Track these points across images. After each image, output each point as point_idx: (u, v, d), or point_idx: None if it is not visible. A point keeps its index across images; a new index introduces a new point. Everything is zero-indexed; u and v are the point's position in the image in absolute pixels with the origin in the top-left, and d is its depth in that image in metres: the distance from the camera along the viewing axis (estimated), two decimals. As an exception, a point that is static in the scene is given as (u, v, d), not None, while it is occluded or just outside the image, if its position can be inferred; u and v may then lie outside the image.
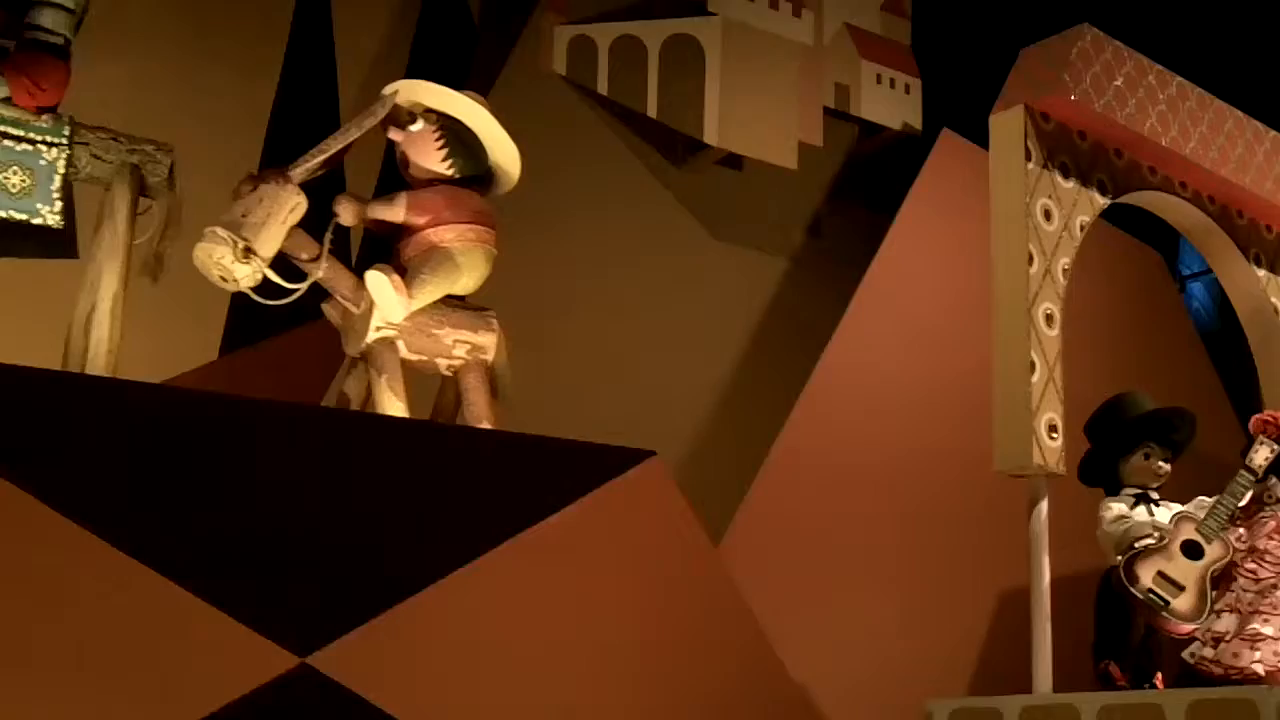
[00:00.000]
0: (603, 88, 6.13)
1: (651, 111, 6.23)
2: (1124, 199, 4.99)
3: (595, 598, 3.55)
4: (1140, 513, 4.37)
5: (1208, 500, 4.39)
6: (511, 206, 5.73)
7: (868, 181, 6.83)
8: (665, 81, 6.25)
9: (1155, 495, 4.44)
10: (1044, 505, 4.36)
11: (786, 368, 6.06)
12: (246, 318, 4.77)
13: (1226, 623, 4.42)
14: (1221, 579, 4.34)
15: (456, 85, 4.29)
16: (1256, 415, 4.73)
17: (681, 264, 6.27)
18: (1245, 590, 4.48)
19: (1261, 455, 4.45)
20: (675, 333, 6.12)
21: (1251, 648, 4.35)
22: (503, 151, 4.31)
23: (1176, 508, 4.39)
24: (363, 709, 3.05)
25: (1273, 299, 5.34)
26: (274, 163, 4.40)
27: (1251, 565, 4.52)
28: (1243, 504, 4.41)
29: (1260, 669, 4.30)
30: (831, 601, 5.40)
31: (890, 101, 6.86)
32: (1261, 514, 4.60)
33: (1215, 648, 4.41)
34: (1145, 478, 4.44)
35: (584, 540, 3.55)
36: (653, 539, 3.74)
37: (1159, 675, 4.29)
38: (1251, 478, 4.40)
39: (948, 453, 5.43)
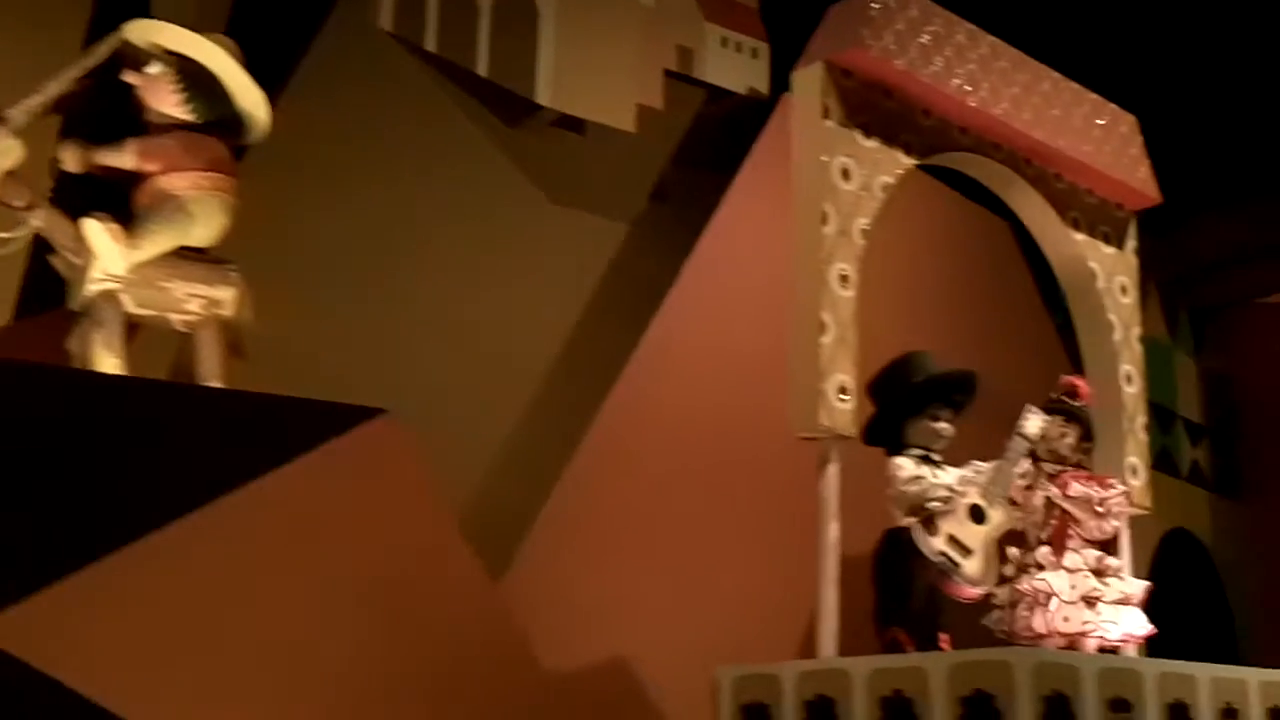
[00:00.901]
0: (431, 45, 5.97)
1: (482, 70, 6.07)
2: (934, 160, 4.93)
3: (313, 558, 3.44)
4: (928, 473, 4.30)
5: (985, 465, 4.34)
6: (336, 167, 5.63)
7: (714, 146, 6.71)
8: (497, 39, 6.09)
9: (937, 457, 4.37)
10: (833, 468, 4.28)
11: (626, 335, 5.94)
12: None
13: (1025, 583, 4.38)
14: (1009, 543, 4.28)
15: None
16: (1066, 377, 4.70)
17: (517, 229, 6.12)
18: (1027, 554, 4.45)
19: (1033, 424, 4.41)
20: (509, 298, 5.98)
21: (1032, 611, 4.32)
22: (246, 96, 4.16)
23: (955, 470, 4.32)
24: (35, 679, 2.90)
25: (1091, 264, 5.29)
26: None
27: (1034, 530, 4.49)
28: (1019, 470, 4.35)
29: (1041, 629, 4.28)
30: (646, 568, 5.31)
31: (736, 65, 6.75)
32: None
33: (1005, 612, 4.39)
34: (929, 439, 4.38)
35: (303, 499, 3.43)
36: (379, 499, 3.62)
37: (945, 638, 4.23)
38: (1026, 444, 4.36)
39: (775, 421, 5.32)
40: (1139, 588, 4.48)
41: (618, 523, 5.38)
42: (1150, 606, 7.14)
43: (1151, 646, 7.03)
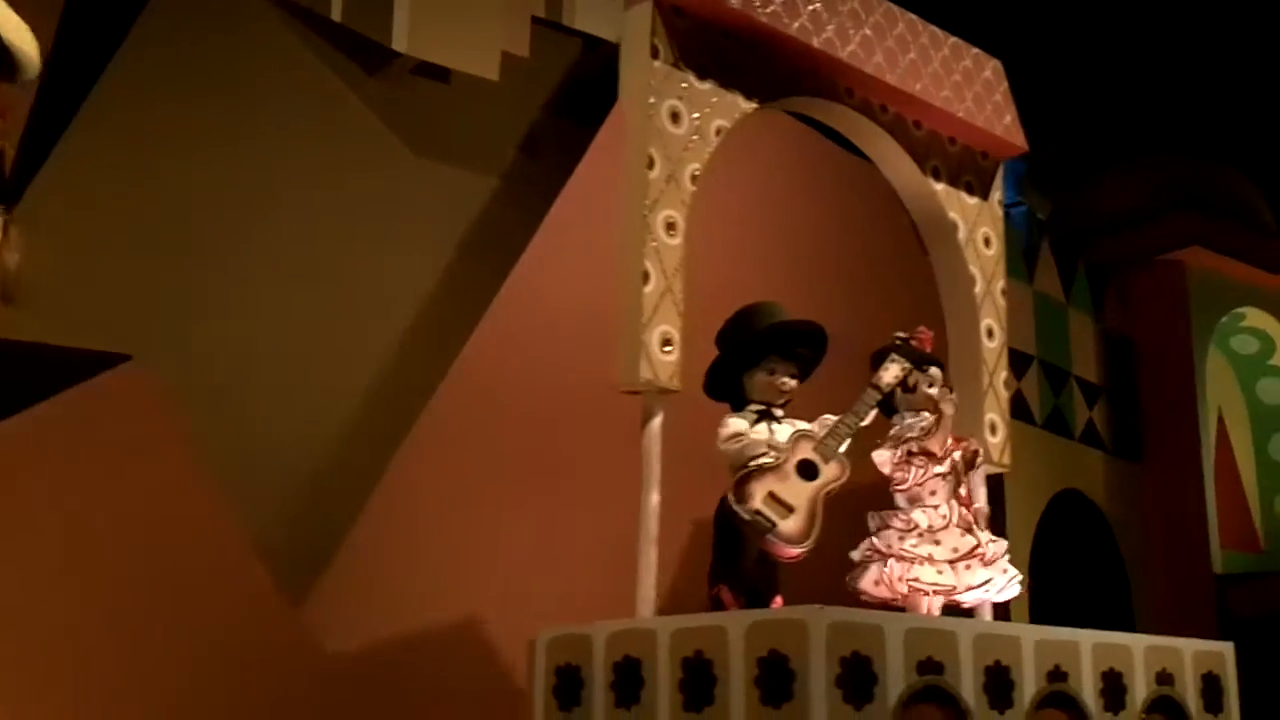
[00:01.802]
0: (281, -13, 5.74)
1: (336, 15, 5.84)
2: (780, 105, 4.77)
3: (50, 504, 3.24)
4: (760, 430, 4.13)
5: (832, 419, 4.18)
6: (178, 118, 5.40)
7: (588, 98, 6.51)
8: (353, -18, 5.87)
9: (779, 412, 4.20)
10: (656, 423, 4.13)
11: (490, 294, 5.76)
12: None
13: (884, 541, 4.25)
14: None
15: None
16: (922, 328, 4.54)
17: (377, 181, 5.91)
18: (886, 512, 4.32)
19: (890, 373, 4.27)
20: (369, 253, 5.78)
21: (876, 570, 4.19)
22: (12, 31, 3.91)
23: (798, 425, 4.16)
24: None
25: (952, 214, 5.13)
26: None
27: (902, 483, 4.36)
28: (866, 421, 4.19)
29: (881, 588, 4.15)
30: (496, 529, 5.16)
31: (609, 13, 6.52)
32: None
33: (856, 570, 4.26)
34: (768, 394, 4.20)
35: (36, 447, 3.24)
36: (120, 447, 3.43)
37: (778, 599, 4.07)
38: (878, 395, 4.21)
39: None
40: (998, 548, 4.32)
41: (464, 485, 5.23)
42: (1039, 566, 7.09)
43: (1042, 607, 6.96)
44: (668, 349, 4.11)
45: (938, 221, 5.15)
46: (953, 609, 4.32)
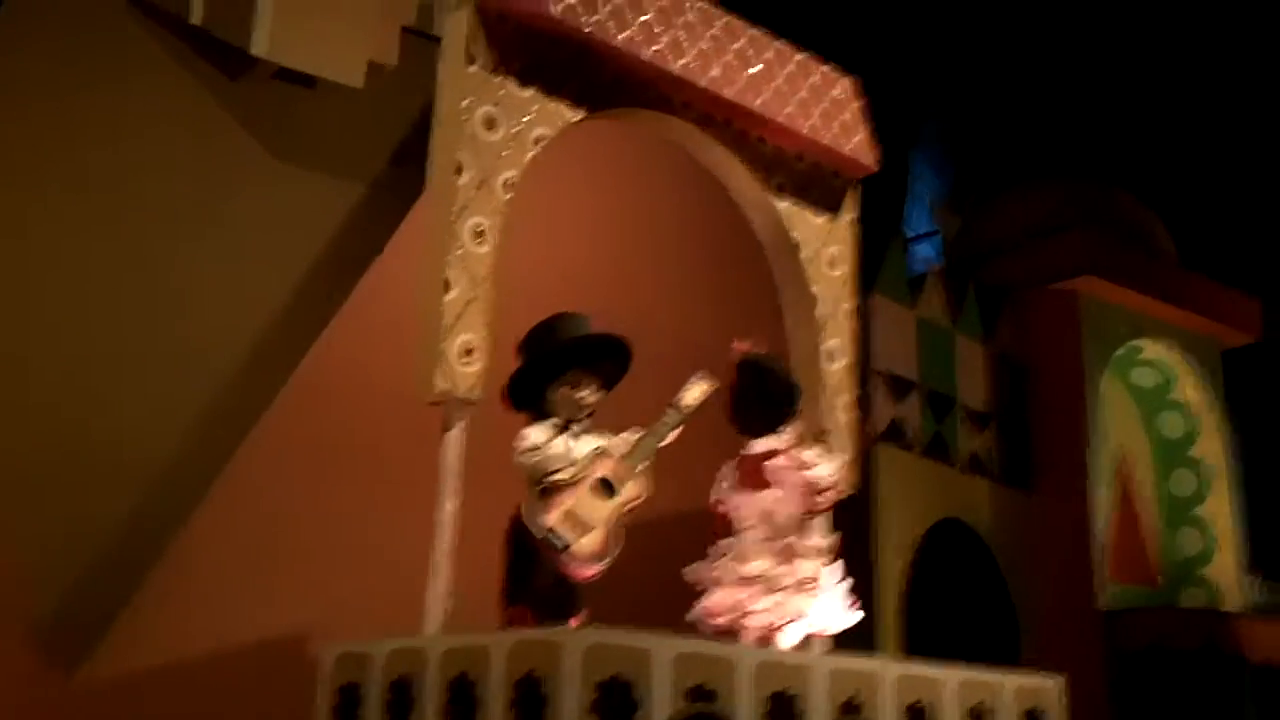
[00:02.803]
0: (139, -12, 5.64)
1: (195, 18, 5.73)
2: (609, 115, 4.64)
3: None
4: (559, 444, 4.01)
5: (632, 437, 4.07)
6: (41, 119, 5.28)
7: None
8: (213, -16, 5.76)
9: (578, 426, 4.09)
10: (455, 434, 4.01)
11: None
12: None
13: (715, 569, 4.14)
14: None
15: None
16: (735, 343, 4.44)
17: (237, 190, 5.79)
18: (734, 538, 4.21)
19: (692, 394, 4.17)
20: (226, 262, 5.65)
21: (703, 594, 4.09)
22: None
23: (600, 442, 4.04)
24: None
25: (794, 234, 5.04)
26: None
27: (724, 511, 4.25)
28: (666, 441, 4.09)
29: (705, 613, 4.04)
30: (322, 539, 5.03)
31: (481, 24, 6.42)
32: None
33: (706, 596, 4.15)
34: (570, 408, 4.09)
35: None
36: None
37: (574, 621, 3.95)
38: (679, 416, 4.10)
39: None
40: (832, 577, 4.20)
41: (298, 492, 5.10)
42: (917, 596, 6.97)
43: (921, 638, 6.85)
44: (468, 359, 3.99)
45: (780, 239, 5.05)
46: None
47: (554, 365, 4.07)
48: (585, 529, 3.87)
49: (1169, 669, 7.35)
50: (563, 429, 4.06)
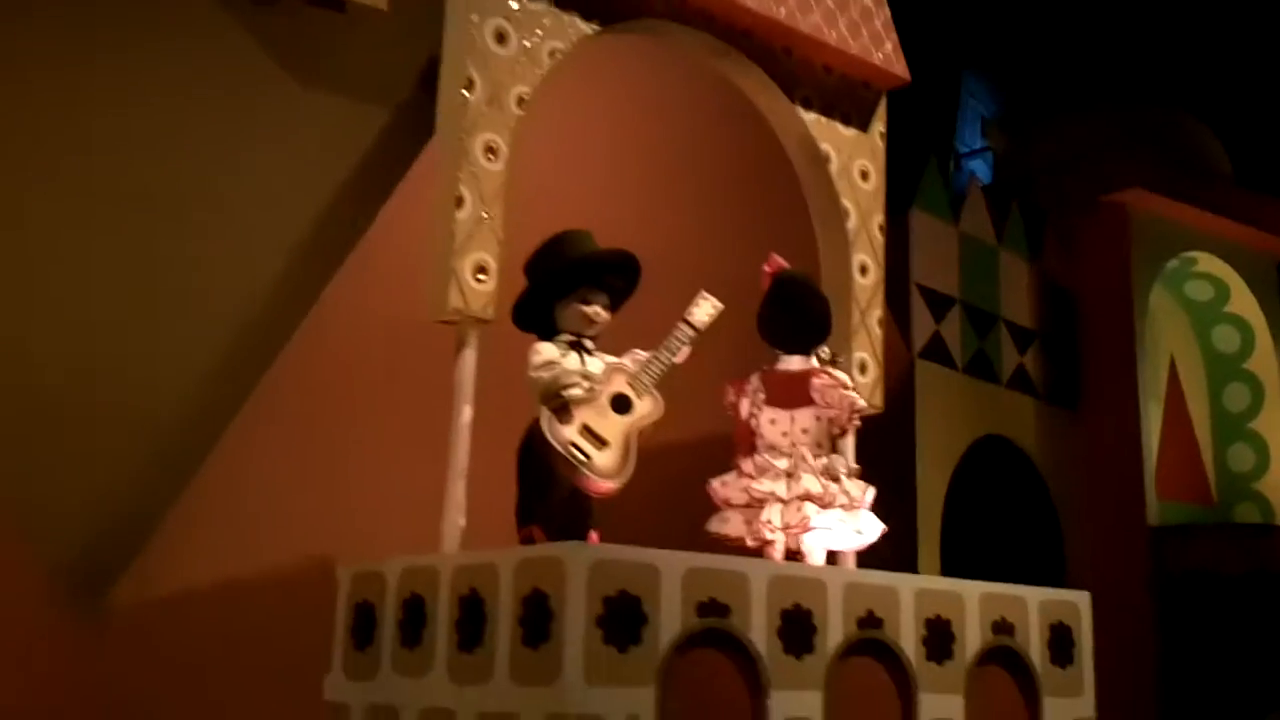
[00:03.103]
0: (163, -87, 5.56)
1: (219, -58, 5.66)
2: (625, 29, 4.55)
3: None
4: (572, 360, 3.96)
5: (644, 354, 4.02)
6: (52, 50, 5.25)
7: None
8: (234, -93, 5.68)
9: (590, 345, 4.04)
10: (469, 354, 3.98)
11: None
12: None
13: (740, 485, 4.10)
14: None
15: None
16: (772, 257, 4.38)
17: (263, 116, 5.74)
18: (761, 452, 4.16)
19: (703, 310, 4.10)
20: (253, 190, 5.62)
21: (757, 512, 4.04)
22: None
23: (610, 359, 4.00)
24: None
25: (824, 145, 4.94)
26: None
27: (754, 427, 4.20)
28: (679, 359, 4.03)
29: (764, 534, 4.02)
30: (336, 465, 5.01)
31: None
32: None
33: (727, 512, 4.12)
34: (579, 324, 4.04)
35: None
36: None
37: (593, 537, 3.92)
38: (690, 332, 4.04)
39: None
40: (861, 493, 4.15)
41: (321, 423, 5.09)
42: (958, 512, 6.90)
43: (965, 553, 6.78)
44: (482, 277, 3.96)
45: (809, 152, 4.96)
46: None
47: (563, 282, 4.01)
48: (603, 444, 3.82)
49: (1217, 589, 7.24)
50: (574, 346, 4.01)
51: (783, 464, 4.01)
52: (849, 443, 4.48)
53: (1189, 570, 7.33)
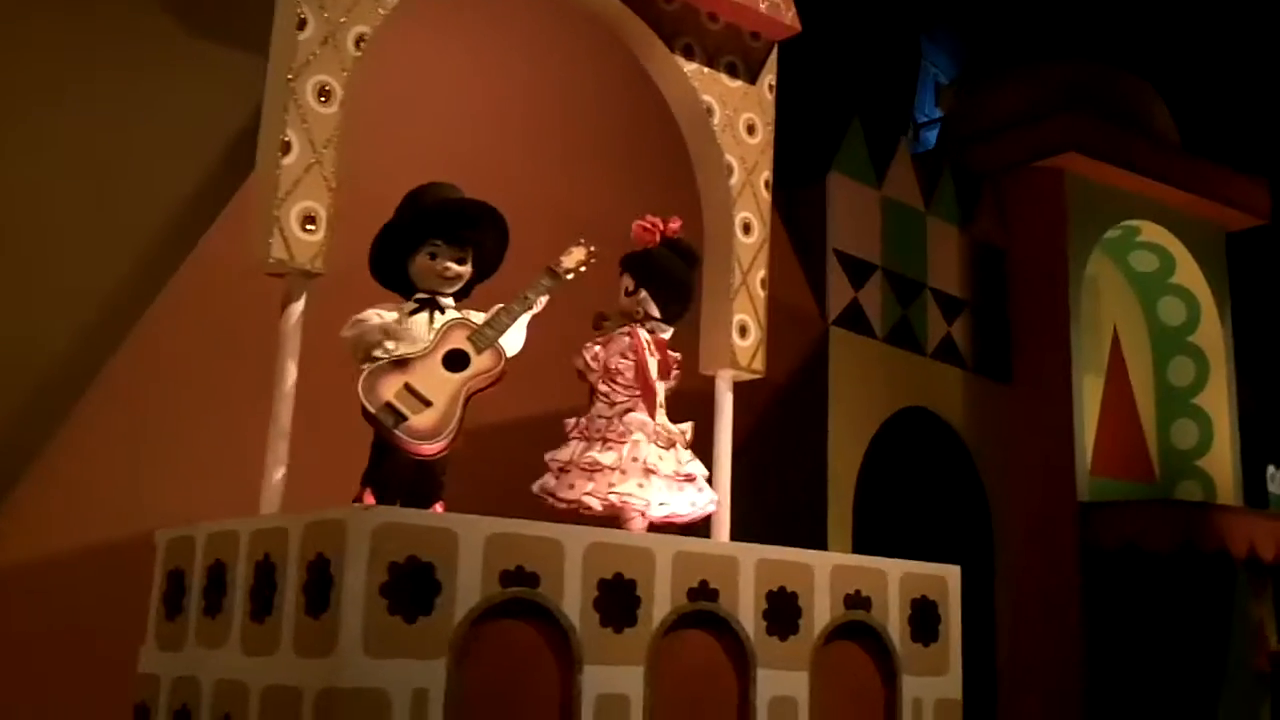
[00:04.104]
0: None
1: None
2: (485, -31, 4.30)
3: None
4: (418, 320, 3.74)
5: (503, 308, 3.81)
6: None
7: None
8: None
9: (447, 301, 3.82)
10: (296, 308, 3.76)
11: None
12: None
13: (571, 450, 3.92)
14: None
15: None
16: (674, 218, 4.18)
17: (146, 68, 5.52)
18: (598, 415, 3.98)
19: (573, 259, 3.90)
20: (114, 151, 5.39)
21: (588, 478, 3.85)
22: None
23: (473, 315, 3.78)
24: None
25: (706, 97, 4.70)
26: None
27: (605, 388, 4.00)
28: (536, 309, 3.82)
29: (594, 502, 3.83)
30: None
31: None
32: (621, 331, 4.06)
33: (558, 478, 3.92)
34: (432, 281, 3.82)
35: None
36: None
37: (439, 505, 3.71)
38: (551, 281, 3.83)
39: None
40: (695, 466, 3.96)
41: (178, 388, 4.88)
42: (873, 484, 6.68)
43: (884, 529, 6.58)
44: (310, 227, 3.73)
45: (689, 104, 4.73)
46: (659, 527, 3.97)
47: (404, 235, 3.79)
48: (424, 405, 3.60)
49: (1148, 566, 7.03)
50: (426, 304, 3.79)
51: (616, 430, 3.82)
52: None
53: (1119, 547, 7.11)
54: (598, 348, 4.06)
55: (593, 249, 3.98)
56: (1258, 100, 9.84)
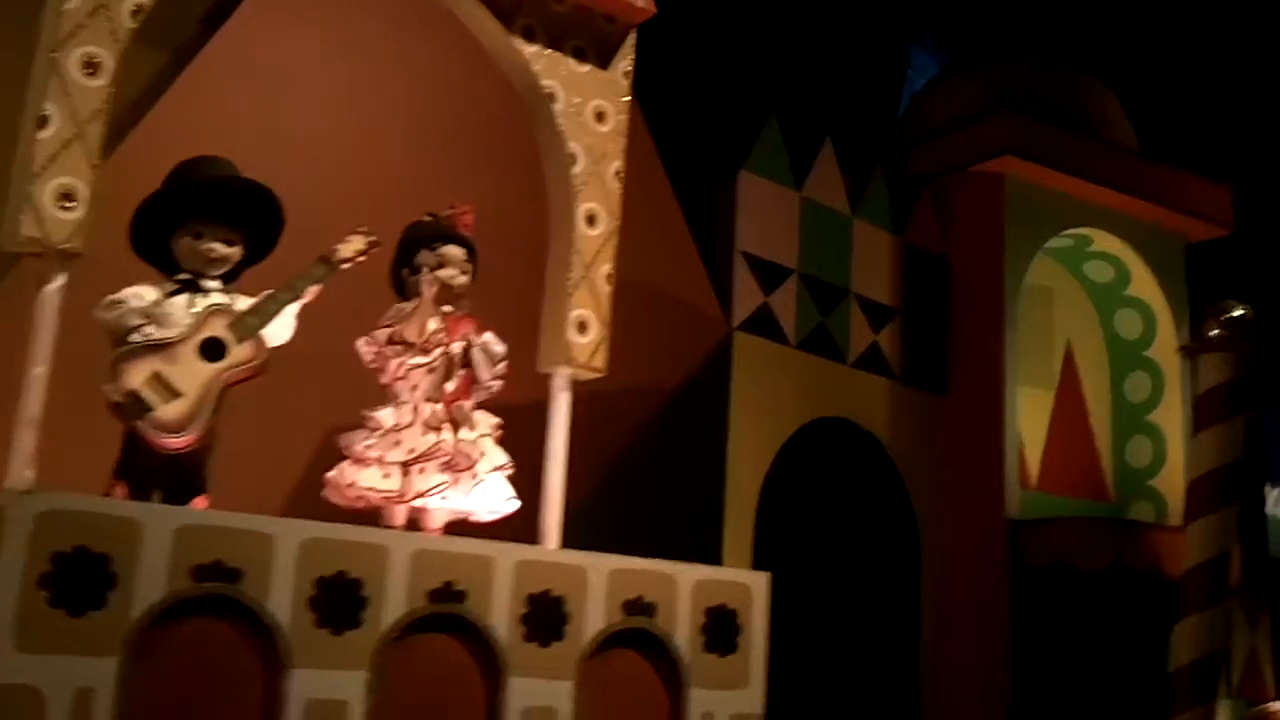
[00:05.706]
0: None
1: None
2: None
3: None
4: (177, 302, 3.57)
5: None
6: None
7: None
8: None
9: (211, 284, 3.65)
10: (51, 289, 3.57)
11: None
12: None
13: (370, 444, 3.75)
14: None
15: None
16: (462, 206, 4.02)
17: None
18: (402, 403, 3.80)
19: (350, 248, 3.73)
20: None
21: (364, 466, 3.67)
22: None
23: (226, 301, 3.60)
24: None
25: (547, 82, 4.50)
26: None
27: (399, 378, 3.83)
28: (306, 298, 3.64)
29: (337, 495, 3.64)
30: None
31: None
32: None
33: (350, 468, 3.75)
34: (196, 262, 3.65)
35: None
36: None
37: (198, 502, 3.52)
38: (325, 270, 3.66)
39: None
40: (490, 461, 3.76)
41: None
42: (780, 495, 6.40)
43: (796, 544, 6.31)
44: (69, 204, 3.55)
45: (529, 88, 4.52)
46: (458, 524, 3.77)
47: (175, 209, 3.61)
48: (173, 394, 3.41)
49: (1078, 584, 6.71)
50: (188, 286, 3.61)
51: (389, 418, 3.63)
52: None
53: (1049, 564, 6.79)
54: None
55: (373, 238, 3.80)
56: (1223, 105, 9.48)
